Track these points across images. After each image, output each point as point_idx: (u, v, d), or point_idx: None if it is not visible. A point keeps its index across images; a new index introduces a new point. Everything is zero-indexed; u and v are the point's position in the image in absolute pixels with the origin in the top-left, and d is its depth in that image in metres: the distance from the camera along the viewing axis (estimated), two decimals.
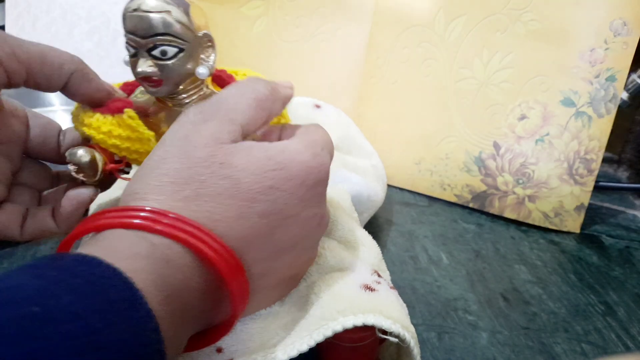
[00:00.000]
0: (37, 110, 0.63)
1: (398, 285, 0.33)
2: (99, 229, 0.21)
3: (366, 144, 0.47)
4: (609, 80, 0.45)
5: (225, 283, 0.22)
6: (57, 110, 0.61)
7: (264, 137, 0.28)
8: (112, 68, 0.68)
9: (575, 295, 0.39)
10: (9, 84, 0.28)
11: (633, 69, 0.47)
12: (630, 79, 0.52)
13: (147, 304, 0.18)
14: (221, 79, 0.31)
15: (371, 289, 0.27)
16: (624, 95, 0.52)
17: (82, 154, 0.29)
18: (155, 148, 0.24)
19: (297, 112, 0.44)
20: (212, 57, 0.28)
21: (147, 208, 0.21)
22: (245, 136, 0.25)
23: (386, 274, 0.32)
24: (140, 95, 0.31)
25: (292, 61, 0.57)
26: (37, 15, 0.71)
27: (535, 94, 0.47)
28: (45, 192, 0.33)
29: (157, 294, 0.19)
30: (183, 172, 0.23)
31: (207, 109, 0.25)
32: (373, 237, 0.34)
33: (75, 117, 0.30)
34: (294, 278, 0.28)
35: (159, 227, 0.21)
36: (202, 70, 0.27)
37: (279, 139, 0.28)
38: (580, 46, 0.45)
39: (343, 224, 0.33)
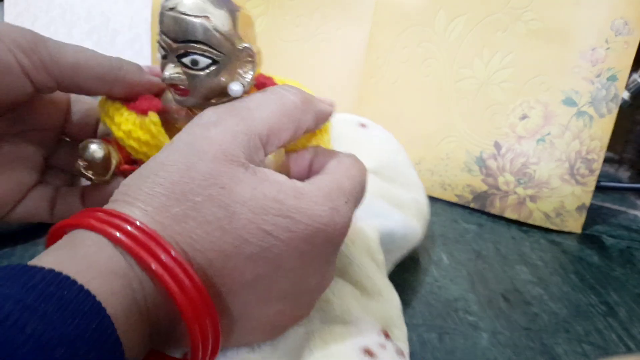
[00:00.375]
0: None
1: (398, 285, 0.33)
2: (86, 228, 0.20)
3: (413, 174, 0.41)
4: (610, 79, 0.44)
5: (188, 328, 0.19)
6: None
7: (292, 160, 0.26)
8: None
9: (576, 295, 0.39)
10: (38, 93, 0.26)
11: (634, 68, 0.47)
12: (632, 78, 0.52)
13: (116, 332, 0.17)
14: (263, 86, 0.27)
15: (371, 354, 0.25)
16: (625, 95, 0.52)
17: (95, 149, 0.26)
18: (162, 149, 0.22)
19: (340, 130, 0.39)
20: (249, 74, 0.24)
21: (137, 223, 0.19)
22: (268, 150, 0.23)
23: (401, 332, 0.29)
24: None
25: (291, 61, 0.56)
26: (37, 15, 0.71)
27: (536, 94, 0.47)
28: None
29: (125, 321, 0.18)
30: (178, 187, 0.20)
31: (222, 112, 0.22)
32: None
33: (102, 106, 0.28)
34: (278, 329, 0.25)
35: (142, 253, 0.19)
36: (235, 87, 0.24)
37: (310, 166, 0.26)
38: (582, 46, 0.45)
39: (361, 266, 0.30)
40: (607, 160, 0.59)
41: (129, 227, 0.19)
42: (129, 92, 0.26)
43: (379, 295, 0.29)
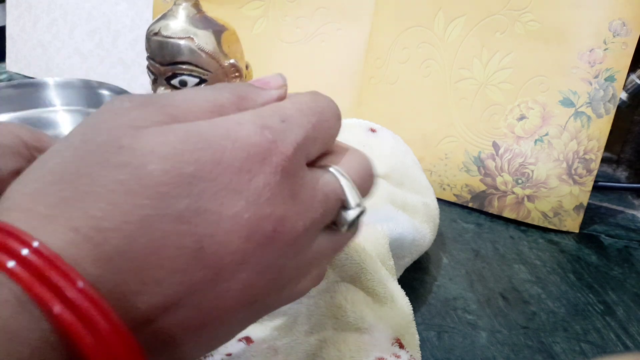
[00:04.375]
0: (38, 110, 0.63)
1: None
2: None
3: (422, 178, 0.41)
4: (608, 80, 0.45)
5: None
6: (59, 111, 0.61)
7: None
8: (113, 68, 0.68)
9: (575, 294, 0.39)
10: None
11: (632, 69, 0.47)
12: (630, 79, 0.52)
13: None
14: None
15: None
16: (623, 96, 0.52)
17: None
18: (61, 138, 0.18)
19: (350, 135, 0.40)
20: None
21: (34, 244, 0.14)
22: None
23: (413, 339, 0.29)
24: None
25: (292, 62, 0.57)
26: (38, 16, 0.72)
27: (534, 94, 0.47)
28: None
29: None
30: (70, 166, 0.16)
31: (140, 98, 0.18)
32: None
33: None
34: (257, 306, 0.19)
35: (40, 291, 0.14)
36: None
37: None
38: (580, 46, 0.45)
39: (373, 273, 0.29)
40: (605, 161, 0.59)
41: (21, 250, 0.14)
42: None
43: (392, 301, 0.29)
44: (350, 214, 0.21)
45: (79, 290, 0.14)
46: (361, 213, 0.21)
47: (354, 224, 0.21)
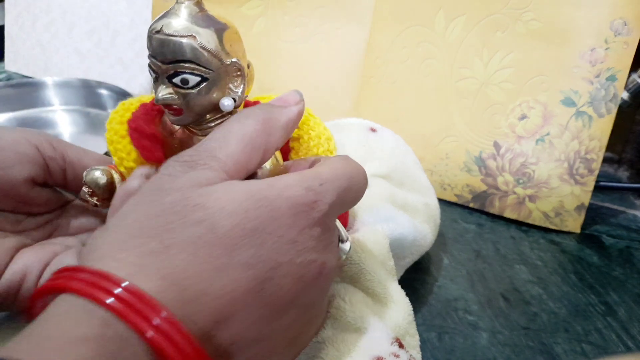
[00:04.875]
0: (36, 110, 0.63)
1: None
2: (71, 292, 0.18)
3: (422, 178, 0.41)
4: (609, 80, 0.45)
5: None
6: (57, 110, 0.61)
7: (289, 170, 0.25)
8: (112, 68, 0.68)
9: (576, 295, 0.39)
10: (46, 182, 0.28)
11: (633, 68, 0.47)
12: (631, 78, 0.52)
13: None
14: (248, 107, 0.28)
15: None
16: (625, 95, 0.52)
17: (99, 175, 0.27)
18: (131, 197, 0.21)
19: (350, 134, 0.40)
20: (240, 88, 0.25)
21: (123, 284, 0.17)
22: (240, 179, 0.22)
23: (413, 339, 0.29)
24: None
25: (291, 61, 0.56)
26: (37, 15, 0.71)
27: (535, 94, 0.47)
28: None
29: None
30: (149, 222, 0.19)
31: (187, 159, 0.22)
32: None
33: (110, 136, 0.28)
34: (297, 342, 0.23)
35: (136, 319, 0.17)
36: (226, 102, 0.24)
37: None
38: (581, 46, 0.45)
39: (373, 273, 0.29)
40: (606, 160, 0.59)
41: (114, 288, 0.17)
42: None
43: (391, 302, 0.29)
44: (347, 245, 0.26)
45: (163, 319, 0.17)
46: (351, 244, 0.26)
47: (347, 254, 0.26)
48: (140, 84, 0.66)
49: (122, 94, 0.58)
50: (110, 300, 0.17)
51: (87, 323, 0.17)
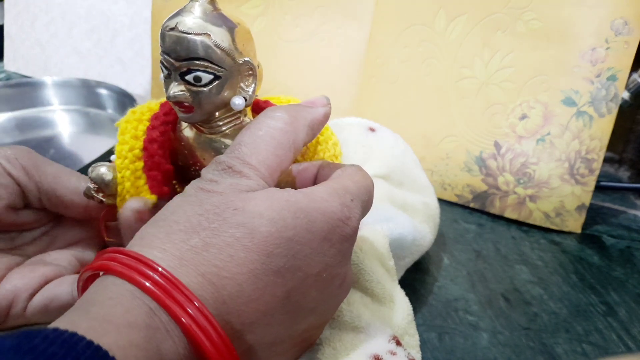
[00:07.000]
0: (35, 109, 0.63)
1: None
2: (111, 273, 0.19)
3: (422, 177, 0.41)
4: (610, 79, 0.44)
5: None
6: (56, 110, 0.61)
7: (298, 174, 0.26)
8: (111, 67, 0.68)
9: (576, 295, 0.39)
10: (23, 204, 0.28)
11: (634, 68, 0.47)
12: (632, 78, 0.52)
13: None
14: (259, 108, 0.28)
15: None
16: (625, 95, 0.52)
17: (104, 171, 0.27)
18: (176, 196, 0.23)
19: (349, 134, 0.40)
20: (251, 87, 0.25)
21: (159, 269, 0.19)
22: (273, 181, 0.23)
23: (413, 339, 0.29)
24: None
25: (292, 60, 0.56)
26: (36, 15, 0.71)
27: (536, 94, 0.47)
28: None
29: None
30: (193, 218, 0.20)
31: (224, 166, 0.23)
32: None
33: (121, 137, 0.28)
34: (305, 344, 0.25)
35: (172, 305, 0.18)
36: (237, 101, 0.25)
37: (314, 178, 0.26)
38: (581, 45, 0.45)
39: (371, 273, 0.29)
40: (607, 160, 0.59)
41: (154, 275, 0.19)
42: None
43: (390, 301, 0.29)
44: None
45: (197, 308, 0.18)
46: None
47: None
48: (139, 83, 0.66)
49: (121, 94, 0.58)
50: (148, 283, 0.18)
51: (137, 311, 0.18)
